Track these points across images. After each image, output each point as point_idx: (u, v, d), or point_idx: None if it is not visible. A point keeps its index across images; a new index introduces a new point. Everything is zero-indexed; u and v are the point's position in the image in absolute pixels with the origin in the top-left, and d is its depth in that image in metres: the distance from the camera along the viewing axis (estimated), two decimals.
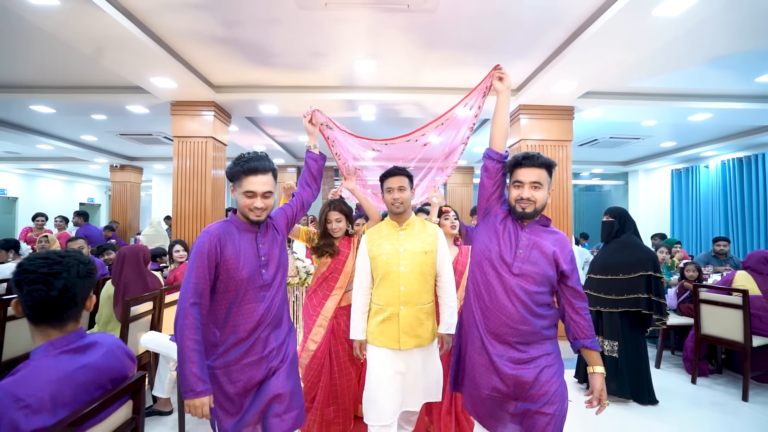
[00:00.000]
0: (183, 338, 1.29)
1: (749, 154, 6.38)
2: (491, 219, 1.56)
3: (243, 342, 1.42)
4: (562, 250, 1.47)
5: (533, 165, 1.45)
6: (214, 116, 4.27)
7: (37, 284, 1.00)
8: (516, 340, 1.44)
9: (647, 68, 3.56)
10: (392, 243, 1.83)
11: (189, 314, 1.30)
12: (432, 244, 1.85)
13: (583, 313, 1.46)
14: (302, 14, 2.73)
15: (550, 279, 1.45)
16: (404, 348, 1.77)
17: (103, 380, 1.09)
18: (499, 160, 1.54)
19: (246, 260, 1.42)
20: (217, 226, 1.43)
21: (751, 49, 3.20)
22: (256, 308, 1.44)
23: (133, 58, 3.15)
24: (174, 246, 3.82)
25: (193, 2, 2.59)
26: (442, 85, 4.04)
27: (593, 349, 1.45)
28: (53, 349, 1.02)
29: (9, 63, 3.56)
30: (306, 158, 1.82)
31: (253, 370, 1.43)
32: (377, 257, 1.83)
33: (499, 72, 1.61)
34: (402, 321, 1.77)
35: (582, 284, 1.54)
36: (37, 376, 0.96)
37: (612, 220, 3.17)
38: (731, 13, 2.62)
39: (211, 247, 1.37)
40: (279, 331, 1.53)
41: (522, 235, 1.48)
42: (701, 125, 5.23)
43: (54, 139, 6.42)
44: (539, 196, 1.45)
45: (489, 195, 1.57)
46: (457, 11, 2.69)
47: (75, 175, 11.57)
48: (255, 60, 3.50)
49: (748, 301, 3.11)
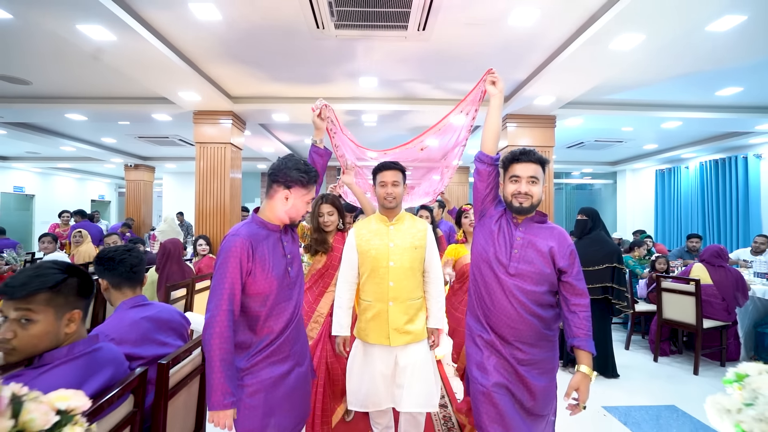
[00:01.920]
0: (213, 347, 1.23)
1: (724, 157, 6.85)
2: (486, 220, 1.56)
3: (274, 341, 1.39)
4: (560, 245, 1.44)
5: (530, 160, 1.45)
6: (232, 124, 4.73)
7: (124, 259, 1.54)
8: (518, 339, 1.43)
9: (619, 84, 4.02)
10: (382, 238, 1.80)
11: (221, 322, 1.25)
12: (421, 240, 1.82)
13: (577, 310, 1.41)
14: (315, 42, 3.19)
15: (547, 277, 1.43)
16: (395, 344, 1.74)
17: (161, 326, 1.57)
18: (490, 163, 1.54)
19: (276, 260, 1.39)
20: (245, 229, 1.37)
21: (707, 70, 3.66)
22: (286, 307, 1.42)
23: (167, 77, 3.62)
24: (198, 240, 4.31)
25: (222, 34, 3.05)
26: (436, 96, 4.50)
27: (584, 349, 1.39)
28: (125, 306, 1.52)
29: (52, 77, 4.02)
30: (311, 152, 1.74)
31: (281, 366, 1.41)
32: (366, 252, 1.80)
33: (492, 76, 1.62)
34: (391, 317, 1.74)
35: None
36: (117, 322, 1.45)
37: (585, 218, 3.65)
38: (674, 48, 3.09)
39: (243, 251, 1.30)
40: (301, 329, 1.54)
41: (516, 234, 1.47)
42: (677, 130, 5.71)
43: (77, 141, 6.89)
44: (536, 191, 1.45)
45: (483, 197, 1.57)
46: (449, 39, 3.15)
47: (87, 173, 12.03)
48: (270, 75, 3.96)
49: (699, 290, 3.60)
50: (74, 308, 1.14)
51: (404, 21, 2.79)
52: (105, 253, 1.58)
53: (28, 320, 1.05)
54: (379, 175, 1.84)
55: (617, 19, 2.51)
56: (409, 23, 2.82)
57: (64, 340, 1.12)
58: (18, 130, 5.80)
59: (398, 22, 2.80)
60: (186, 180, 11.47)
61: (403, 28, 2.89)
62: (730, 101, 4.51)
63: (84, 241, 5.24)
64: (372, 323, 1.77)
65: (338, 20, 2.79)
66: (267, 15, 2.76)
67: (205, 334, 1.26)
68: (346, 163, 2.26)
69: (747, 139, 6.01)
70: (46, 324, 1.07)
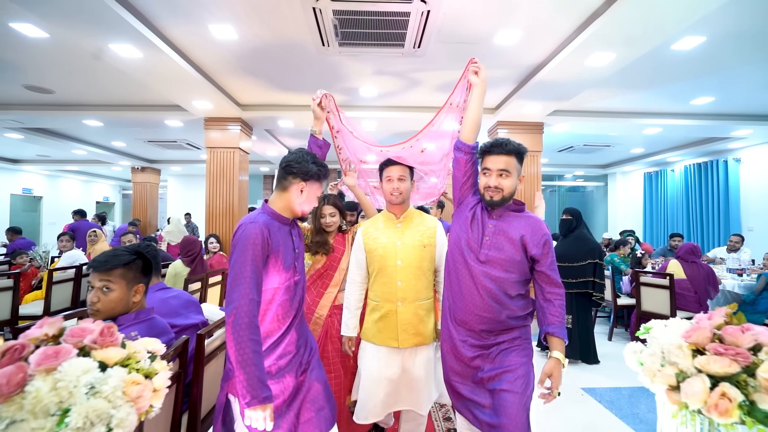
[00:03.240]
0: (244, 339, 1.17)
1: (707, 160, 7.19)
2: (462, 208, 1.56)
3: (284, 338, 1.37)
4: (534, 234, 1.41)
5: (501, 152, 1.42)
6: (240, 130, 5.04)
7: (151, 254, 1.74)
8: (481, 327, 1.42)
9: (601, 94, 4.35)
10: (389, 236, 1.76)
11: (250, 312, 1.19)
12: (431, 238, 1.77)
13: (552, 298, 1.40)
14: (319, 57, 3.51)
15: (518, 265, 1.41)
16: (403, 346, 1.69)
17: (184, 304, 1.85)
18: (467, 151, 1.54)
19: (286, 252, 1.38)
20: (262, 217, 1.35)
21: (680, 82, 3.99)
22: (291, 301, 1.41)
23: (184, 88, 3.93)
24: (209, 239, 4.61)
25: (237, 50, 3.35)
26: (431, 104, 4.82)
27: (557, 336, 1.36)
28: (152, 290, 1.79)
29: (74, 87, 4.32)
30: (309, 143, 1.72)
31: (288, 365, 1.38)
32: (373, 251, 1.76)
33: (474, 66, 1.62)
34: (400, 318, 1.69)
35: None
36: (152, 301, 1.71)
37: (570, 218, 3.97)
38: (645, 64, 3.42)
39: (264, 237, 1.29)
40: (303, 324, 1.52)
41: (489, 222, 1.46)
42: (660, 135, 6.04)
43: (89, 145, 7.18)
44: (506, 184, 1.42)
45: (461, 185, 1.57)
46: (441, 55, 3.46)
47: (93, 176, 12.32)
48: (276, 85, 4.26)
49: (673, 284, 3.91)
50: (139, 282, 1.45)
51: (401, 40, 3.11)
52: (134, 248, 1.87)
53: (107, 289, 1.36)
54: (386, 171, 1.81)
55: (588, 40, 2.83)
56: (405, 42, 3.13)
57: (131, 307, 1.43)
58: (35, 134, 6.10)
59: (395, 41, 3.12)
60: (190, 182, 11.77)
61: (399, 46, 3.20)
62: (704, 109, 4.84)
63: (99, 240, 5.52)
64: (380, 324, 1.72)
65: (342, 39, 3.11)
66: (278, 34, 3.08)
67: (234, 327, 1.18)
68: (349, 166, 2.21)
69: (726, 144, 6.35)
70: (120, 293, 1.38)
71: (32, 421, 0.80)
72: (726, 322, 1.02)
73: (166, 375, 1.02)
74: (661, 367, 1.05)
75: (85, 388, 0.86)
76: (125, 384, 0.92)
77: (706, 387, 0.90)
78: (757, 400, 0.85)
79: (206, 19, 2.85)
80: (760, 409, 0.84)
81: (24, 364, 0.86)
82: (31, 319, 3.89)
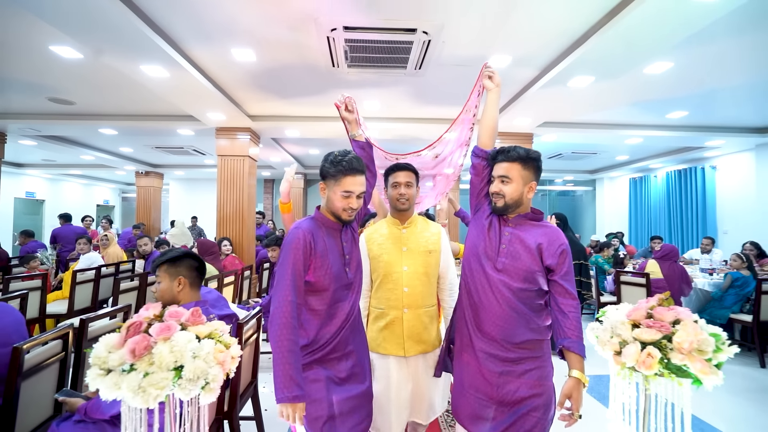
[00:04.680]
0: (280, 338, 1.23)
1: (686, 167, 7.64)
2: (479, 215, 1.55)
3: (330, 341, 1.39)
4: (550, 243, 1.38)
5: (504, 159, 1.44)
6: (249, 138, 5.35)
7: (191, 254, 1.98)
8: (503, 338, 1.39)
9: (585, 108, 4.73)
10: (394, 242, 1.75)
11: (288, 313, 1.26)
12: (435, 244, 1.77)
13: (567, 311, 1.36)
14: (328, 75, 3.84)
15: (535, 275, 1.38)
16: (409, 354, 1.68)
17: (217, 298, 2.05)
18: (485, 157, 1.54)
19: (334, 258, 1.39)
20: (307, 223, 1.40)
21: (655, 99, 4.39)
22: (342, 307, 1.41)
23: (202, 101, 4.25)
24: (222, 241, 4.91)
25: (254, 70, 3.68)
26: (430, 116, 5.18)
27: (574, 351, 1.33)
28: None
29: (93, 98, 4.61)
30: (353, 149, 1.65)
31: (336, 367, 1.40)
32: (378, 257, 1.74)
33: (489, 71, 1.62)
34: (406, 325, 1.68)
35: None
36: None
37: (559, 222, 4.34)
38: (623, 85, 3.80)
39: (306, 242, 1.33)
40: (358, 333, 1.51)
41: (505, 229, 1.45)
42: (641, 144, 6.46)
43: (97, 151, 7.44)
44: (507, 190, 1.41)
45: (478, 192, 1.57)
46: (440, 75, 3.82)
47: (94, 179, 12.51)
48: (285, 98, 4.58)
49: (649, 282, 4.29)
50: (180, 275, 1.71)
51: (404, 63, 3.46)
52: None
53: (159, 282, 1.69)
54: (392, 176, 1.80)
55: (570, 66, 3.21)
56: (408, 65, 3.49)
57: (179, 299, 1.71)
58: (48, 141, 6.35)
59: (399, 64, 3.47)
60: (192, 186, 12.02)
61: (402, 68, 3.55)
62: (679, 122, 5.26)
63: (110, 244, 5.78)
64: (385, 332, 1.69)
65: (351, 62, 3.45)
66: (293, 56, 3.41)
67: (271, 327, 1.26)
68: None
69: (702, 152, 6.80)
70: (166, 284, 1.69)
71: (159, 373, 1.12)
72: (659, 304, 1.37)
73: (238, 348, 1.35)
74: (610, 339, 1.40)
75: (190, 352, 1.18)
76: (214, 351, 1.24)
77: (638, 350, 1.25)
78: (672, 358, 1.21)
79: (230, 44, 3.17)
80: (674, 363, 1.20)
81: (147, 335, 1.18)
82: (56, 317, 4.17)
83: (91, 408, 1.53)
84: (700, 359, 1.21)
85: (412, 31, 2.91)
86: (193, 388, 1.16)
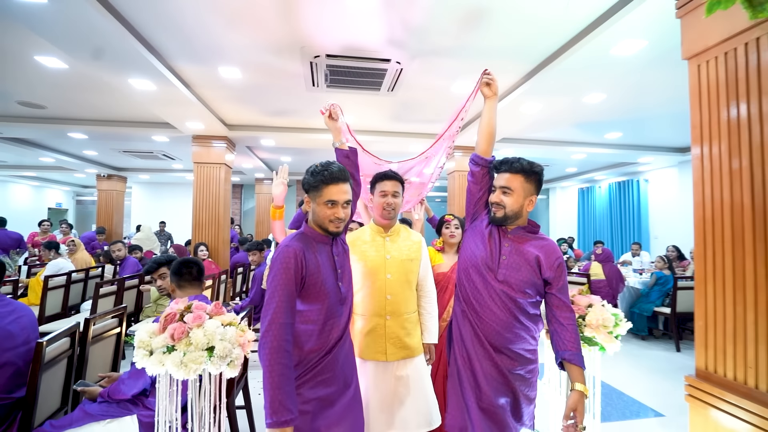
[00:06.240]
0: (272, 362, 1.19)
1: (625, 179, 8.59)
2: (477, 224, 1.53)
3: (322, 360, 1.35)
4: (548, 256, 1.41)
5: (506, 170, 1.44)
6: (225, 147, 5.52)
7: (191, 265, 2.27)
8: (506, 346, 1.40)
9: (537, 127, 5.34)
10: (378, 249, 1.76)
11: (280, 335, 1.22)
12: (417, 252, 1.80)
13: (566, 323, 1.39)
14: (307, 92, 4.14)
15: (535, 286, 1.40)
16: (392, 359, 1.69)
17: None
18: (484, 165, 1.52)
19: (326, 273, 1.36)
20: (296, 239, 1.36)
21: (595, 122, 5.06)
22: (336, 324, 1.38)
23: (184, 112, 4.41)
24: (198, 246, 5.04)
25: (238, 86, 3.91)
26: (402, 130, 5.60)
27: (576, 364, 1.36)
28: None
29: (65, 103, 4.61)
30: (337, 158, 1.66)
31: (329, 386, 1.36)
32: (361, 264, 1.75)
33: (488, 77, 1.60)
34: (388, 331, 1.69)
35: None
36: None
37: None
38: (566, 111, 4.41)
39: (297, 261, 1.29)
40: (348, 346, 1.47)
41: (504, 241, 1.45)
42: (585, 159, 7.24)
43: (59, 153, 7.21)
44: (508, 201, 1.41)
45: (476, 200, 1.55)
46: (409, 95, 4.22)
47: (47, 181, 11.88)
48: (262, 110, 4.82)
49: (590, 281, 4.92)
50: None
51: (378, 86, 3.84)
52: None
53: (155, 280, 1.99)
54: (379, 185, 1.81)
55: (520, 96, 3.73)
56: (382, 87, 3.87)
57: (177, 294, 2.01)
58: (9, 143, 6.14)
59: (373, 86, 3.85)
60: (157, 190, 11.74)
61: (376, 89, 3.94)
62: (615, 141, 6.03)
63: (78, 249, 5.70)
64: (368, 338, 1.71)
65: (330, 83, 3.78)
66: (276, 76, 3.69)
67: (263, 350, 1.22)
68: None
69: (637, 167, 7.73)
70: (164, 284, 2.03)
71: (196, 352, 1.40)
72: (579, 293, 1.82)
73: (253, 333, 1.64)
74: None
75: (219, 336, 1.47)
76: (235, 335, 1.54)
77: None
78: (585, 331, 1.65)
79: (218, 63, 3.41)
80: (585, 335, 1.64)
81: (182, 323, 1.46)
82: None
83: (113, 391, 1.76)
84: (604, 332, 1.66)
85: (387, 61, 3.30)
86: (221, 364, 1.45)
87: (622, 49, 2.81)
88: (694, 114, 1.83)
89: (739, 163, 1.62)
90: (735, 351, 1.62)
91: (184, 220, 10.22)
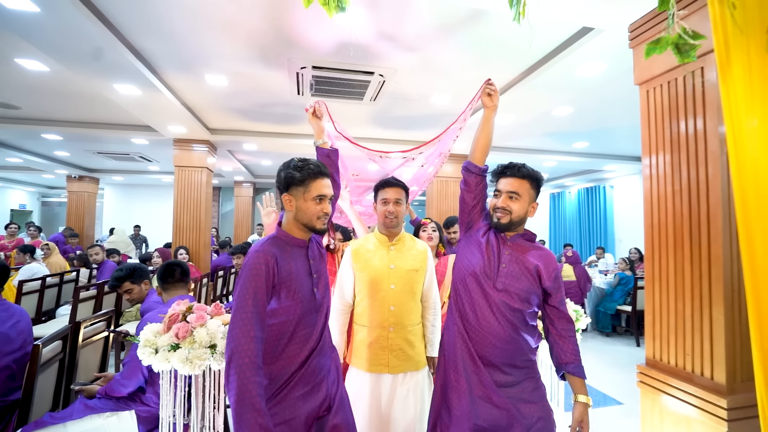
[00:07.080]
0: (245, 381, 1.07)
1: (593, 185, 9.09)
2: (473, 233, 1.51)
3: (296, 373, 1.24)
4: (546, 266, 1.39)
5: (514, 175, 1.43)
6: (207, 150, 5.53)
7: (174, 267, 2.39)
8: (503, 361, 1.36)
9: (510, 136, 5.64)
10: (381, 259, 1.71)
11: (251, 350, 1.10)
12: (422, 262, 1.75)
13: (566, 334, 1.38)
14: (292, 100, 4.25)
15: (533, 296, 1.38)
16: (394, 372, 1.64)
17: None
18: (478, 173, 1.51)
19: (301, 280, 1.27)
20: (268, 244, 1.26)
21: (564, 132, 5.40)
22: (310, 334, 1.29)
23: (167, 117, 4.42)
24: (179, 250, 5.03)
25: (223, 94, 3.98)
26: (385, 137, 5.77)
27: (578, 376, 1.35)
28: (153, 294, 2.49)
29: (41, 104, 4.52)
30: (318, 156, 1.61)
31: (308, 402, 1.25)
32: (364, 273, 1.69)
33: (490, 88, 1.58)
34: (391, 343, 1.64)
35: None
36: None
37: None
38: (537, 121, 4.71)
39: (269, 268, 1.19)
40: (326, 355, 1.37)
41: (504, 248, 1.42)
42: (555, 166, 7.65)
43: (27, 153, 6.96)
44: (515, 207, 1.40)
45: (470, 209, 1.53)
46: (389, 104, 4.41)
47: (9, 182, 11.35)
48: (245, 115, 4.88)
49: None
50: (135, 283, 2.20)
51: (361, 96, 4.00)
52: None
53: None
54: (381, 192, 1.76)
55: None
56: (365, 97, 4.04)
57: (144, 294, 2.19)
58: None
59: (357, 96, 4.01)
60: (130, 192, 11.43)
61: (360, 99, 4.10)
62: (582, 150, 6.43)
63: (52, 253, 5.56)
64: (370, 350, 1.66)
65: (314, 92, 3.91)
66: (262, 84, 3.78)
67: (233, 368, 1.08)
68: (345, 186, 2.15)
69: (603, 174, 8.21)
70: (131, 296, 2.20)
71: (200, 349, 1.51)
72: None
73: None
74: None
75: (220, 334, 1.58)
76: None
77: None
78: None
79: (205, 71, 3.48)
80: None
81: (186, 322, 1.56)
82: None
83: (110, 389, 1.83)
84: None
85: (371, 73, 3.46)
86: (223, 360, 1.57)
87: (585, 71, 3.11)
88: (644, 131, 2.10)
89: (679, 176, 1.88)
90: (677, 341, 1.87)
91: (160, 222, 10.05)
